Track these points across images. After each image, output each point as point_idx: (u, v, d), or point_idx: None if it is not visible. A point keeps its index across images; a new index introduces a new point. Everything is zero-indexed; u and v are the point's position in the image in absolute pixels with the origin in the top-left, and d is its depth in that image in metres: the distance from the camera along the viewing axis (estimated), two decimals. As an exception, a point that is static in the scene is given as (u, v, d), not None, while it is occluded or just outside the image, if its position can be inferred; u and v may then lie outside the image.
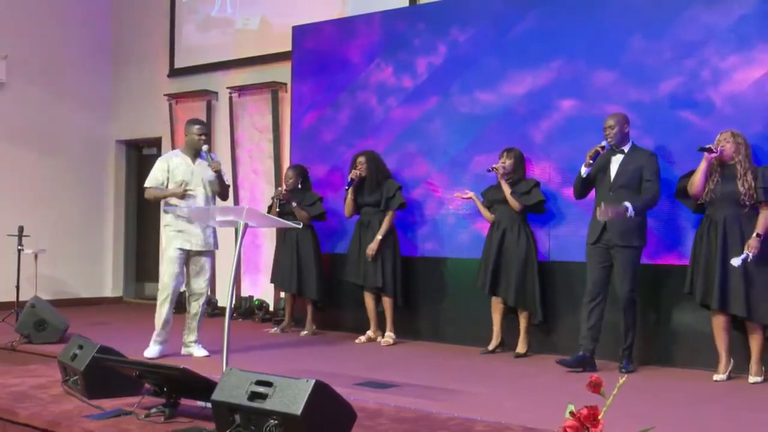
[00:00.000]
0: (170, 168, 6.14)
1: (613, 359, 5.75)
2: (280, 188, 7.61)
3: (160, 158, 6.34)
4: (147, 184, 6.21)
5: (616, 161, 5.80)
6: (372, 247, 6.91)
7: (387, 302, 7.04)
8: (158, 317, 6.07)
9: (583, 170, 5.85)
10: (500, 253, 6.38)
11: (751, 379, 5.25)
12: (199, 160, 6.20)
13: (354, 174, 7.01)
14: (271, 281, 7.92)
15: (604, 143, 5.76)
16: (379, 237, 6.93)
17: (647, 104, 6.14)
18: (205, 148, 6.16)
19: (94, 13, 10.66)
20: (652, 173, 5.69)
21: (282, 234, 7.70)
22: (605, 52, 6.37)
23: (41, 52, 10.03)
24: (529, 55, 6.75)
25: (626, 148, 5.81)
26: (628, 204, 5.58)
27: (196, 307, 6.16)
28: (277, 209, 7.37)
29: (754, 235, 5.19)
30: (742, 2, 5.82)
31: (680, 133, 5.96)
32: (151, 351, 6.04)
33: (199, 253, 6.14)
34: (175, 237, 6.07)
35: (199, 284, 6.16)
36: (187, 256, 6.12)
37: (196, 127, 6.21)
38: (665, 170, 5.86)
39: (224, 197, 6.43)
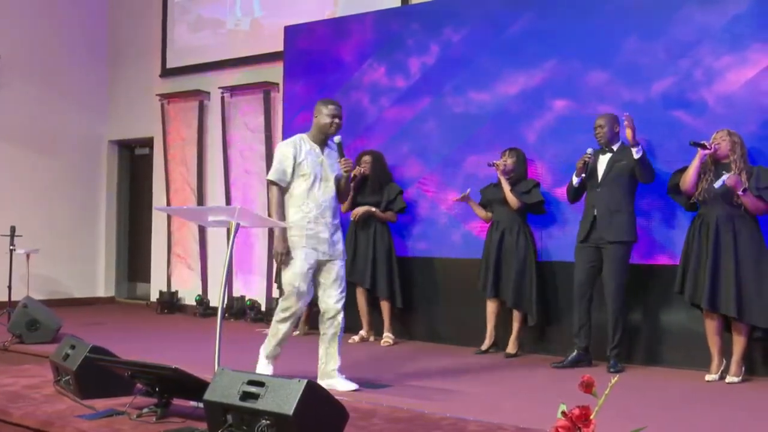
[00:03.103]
0: (296, 156, 4.94)
1: (604, 360, 5.76)
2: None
3: (284, 142, 5.10)
4: (272, 177, 4.95)
5: (604, 160, 5.84)
6: (357, 211, 6.94)
7: (384, 304, 7.03)
8: (274, 334, 4.97)
9: (575, 180, 5.91)
10: (500, 254, 6.37)
11: (729, 378, 5.22)
12: (327, 150, 5.06)
13: (357, 171, 6.84)
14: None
15: (590, 151, 5.82)
16: (372, 209, 6.96)
17: (640, 104, 6.14)
18: (337, 139, 5.02)
19: (88, 14, 10.63)
20: None
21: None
22: (599, 52, 6.37)
23: (35, 52, 9.99)
24: (523, 55, 6.75)
25: (615, 147, 5.84)
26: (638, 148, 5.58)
27: (332, 327, 4.95)
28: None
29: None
30: (736, 2, 5.83)
31: (673, 133, 5.97)
32: (267, 369, 4.98)
33: (330, 261, 4.98)
34: (301, 244, 4.91)
35: (332, 298, 4.96)
36: (317, 266, 4.96)
37: (330, 107, 4.99)
38: (659, 171, 5.87)
39: (343, 200, 5.33)
